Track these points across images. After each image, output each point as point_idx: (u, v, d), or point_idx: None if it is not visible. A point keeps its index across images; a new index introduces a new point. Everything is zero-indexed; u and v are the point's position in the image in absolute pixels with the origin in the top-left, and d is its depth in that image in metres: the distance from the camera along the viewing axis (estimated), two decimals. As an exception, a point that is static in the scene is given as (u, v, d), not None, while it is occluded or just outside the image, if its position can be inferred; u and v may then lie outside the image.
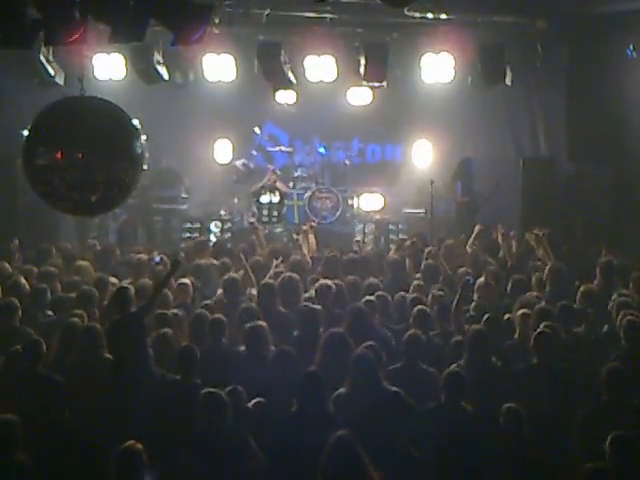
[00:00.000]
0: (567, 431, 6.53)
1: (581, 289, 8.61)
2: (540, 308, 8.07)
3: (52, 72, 11.82)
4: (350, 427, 5.87)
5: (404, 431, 6.19)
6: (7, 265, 9.77)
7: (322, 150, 15.45)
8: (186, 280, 8.97)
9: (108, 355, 7.34)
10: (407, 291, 8.98)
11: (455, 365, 6.89)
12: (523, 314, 7.93)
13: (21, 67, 11.89)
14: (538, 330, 7.24)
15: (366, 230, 14.68)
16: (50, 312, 8.57)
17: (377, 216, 14.84)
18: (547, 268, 9.24)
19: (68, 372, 7.16)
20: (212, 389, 6.31)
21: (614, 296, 8.40)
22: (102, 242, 12.13)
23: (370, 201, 14.99)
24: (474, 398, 6.53)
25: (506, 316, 8.33)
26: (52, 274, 9.41)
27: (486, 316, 7.87)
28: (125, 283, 8.72)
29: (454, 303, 8.07)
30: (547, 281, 9.02)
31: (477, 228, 11.02)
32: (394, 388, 6.54)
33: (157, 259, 10.12)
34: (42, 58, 11.56)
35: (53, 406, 6.66)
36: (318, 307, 8.11)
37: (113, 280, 9.31)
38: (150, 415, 6.79)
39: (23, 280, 8.90)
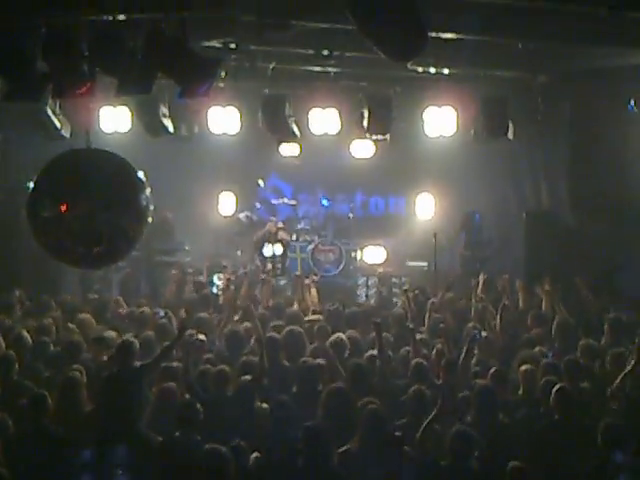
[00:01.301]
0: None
1: (581, 344, 8.55)
2: (546, 363, 8.00)
3: (58, 125, 11.88)
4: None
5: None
6: (6, 318, 9.74)
7: (325, 202, 15.49)
8: (202, 336, 8.92)
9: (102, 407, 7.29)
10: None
11: (460, 421, 6.82)
12: (527, 370, 7.85)
13: (27, 120, 11.97)
14: (558, 386, 7.18)
15: (369, 283, 14.63)
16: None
17: (380, 269, 14.79)
18: (555, 322, 9.20)
19: (69, 426, 7.10)
20: (214, 445, 6.24)
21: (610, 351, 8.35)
22: (101, 295, 12.10)
23: (373, 254, 14.95)
24: (482, 455, 6.45)
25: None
26: (49, 327, 9.36)
27: (493, 370, 7.81)
28: (128, 336, 8.64)
29: (461, 357, 8.00)
30: (555, 335, 8.97)
31: (481, 278, 11.00)
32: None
33: (161, 313, 10.08)
34: (48, 111, 11.62)
35: (57, 460, 6.58)
36: (317, 363, 8.05)
37: (112, 334, 9.24)
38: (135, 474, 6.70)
39: (25, 333, 8.86)
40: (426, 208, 14.88)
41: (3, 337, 8.84)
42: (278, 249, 14.35)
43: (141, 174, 7.07)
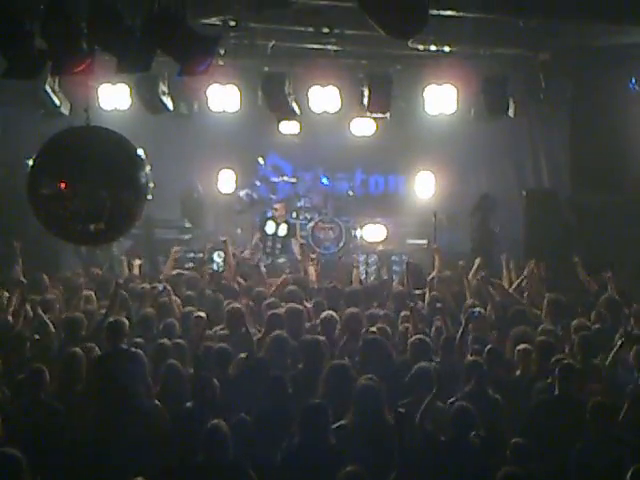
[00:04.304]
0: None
1: (573, 324, 8.58)
2: (541, 341, 8.01)
3: (57, 102, 11.88)
4: (353, 460, 5.84)
5: (410, 465, 6.13)
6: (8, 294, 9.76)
7: (325, 180, 15.49)
8: (202, 313, 8.96)
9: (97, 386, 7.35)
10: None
11: (454, 398, 6.86)
12: (525, 349, 7.87)
13: (27, 97, 11.96)
14: (563, 362, 7.22)
15: (369, 261, 14.66)
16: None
17: (380, 247, 14.83)
18: (545, 300, 9.24)
19: (70, 401, 7.16)
20: (215, 421, 6.29)
21: (620, 330, 8.37)
22: (103, 271, 12.12)
23: (373, 232, 14.99)
24: (482, 431, 6.49)
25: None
26: (52, 304, 9.41)
27: (488, 347, 7.84)
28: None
29: (458, 335, 8.04)
30: (546, 313, 9.02)
31: (477, 261, 11.05)
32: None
33: (161, 288, 10.09)
34: (48, 88, 11.62)
35: (53, 434, 6.63)
36: (322, 338, 8.08)
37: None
38: (143, 447, 6.76)
39: (29, 309, 8.90)
40: (426, 187, 14.89)
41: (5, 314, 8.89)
42: (282, 230, 14.35)
43: (141, 151, 7.07)
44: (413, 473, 6.12)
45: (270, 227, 14.30)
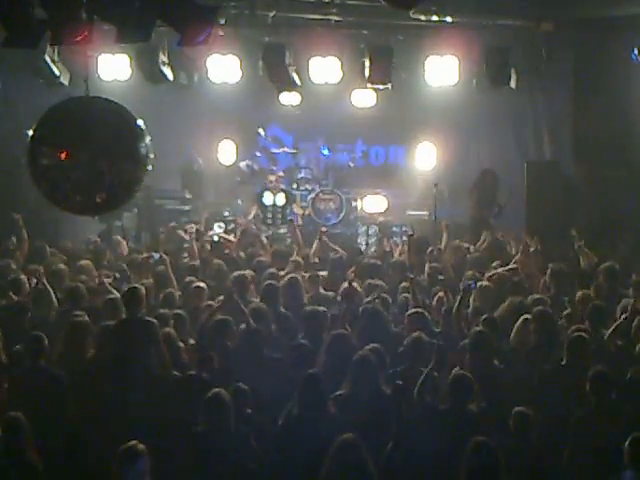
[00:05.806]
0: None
1: (578, 295, 8.59)
2: (538, 310, 8.01)
3: (57, 72, 11.85)
4: (351, 429, 5.89)
5: (406, 435, 6.17)
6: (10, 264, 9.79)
7: (326, 152, 15.45)
8: (201, 283, 8.97)
9: (111, 353, 7.38)
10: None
11: (458, 367, 6.89)
12: (525, 319, 7.89)
13: (26, 67, 11.92)
14: (575, 334, 7.26)
15: (369, 232, 14.67)
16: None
17: (381, 218, 14.82)
18: (549, 270, 9.25)
19: (72, 368, 7.20)
20: (216, 389, 6.34)
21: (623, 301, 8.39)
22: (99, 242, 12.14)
23: (374, 203, 14.96)
24: (479, 400, 6.53)
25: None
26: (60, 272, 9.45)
27: (483, 317, 7.87)
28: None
29: (455, 306, 8.07)
30: (550, 284, 9.03)
31: (483, 236, 11.09)
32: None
33: (156, 257, 10.11)
34: (47, 58, 11.58)
35: (54, 400, 6.67)
36: (322, 309, 8.11)
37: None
38: (150, 413, 6.81)
39: (25, 279, 8.93)
40: (427, 158, 14.85)
41: (6, 283, 8.93)
42: (280, 199, 14.34)
43: (140, 122, 7.06)
44: (411, 442, 6.16)
45: (267, 198, 14.29)
